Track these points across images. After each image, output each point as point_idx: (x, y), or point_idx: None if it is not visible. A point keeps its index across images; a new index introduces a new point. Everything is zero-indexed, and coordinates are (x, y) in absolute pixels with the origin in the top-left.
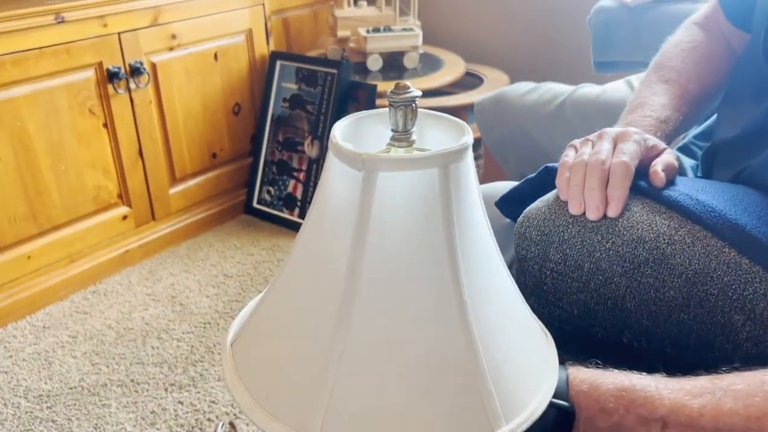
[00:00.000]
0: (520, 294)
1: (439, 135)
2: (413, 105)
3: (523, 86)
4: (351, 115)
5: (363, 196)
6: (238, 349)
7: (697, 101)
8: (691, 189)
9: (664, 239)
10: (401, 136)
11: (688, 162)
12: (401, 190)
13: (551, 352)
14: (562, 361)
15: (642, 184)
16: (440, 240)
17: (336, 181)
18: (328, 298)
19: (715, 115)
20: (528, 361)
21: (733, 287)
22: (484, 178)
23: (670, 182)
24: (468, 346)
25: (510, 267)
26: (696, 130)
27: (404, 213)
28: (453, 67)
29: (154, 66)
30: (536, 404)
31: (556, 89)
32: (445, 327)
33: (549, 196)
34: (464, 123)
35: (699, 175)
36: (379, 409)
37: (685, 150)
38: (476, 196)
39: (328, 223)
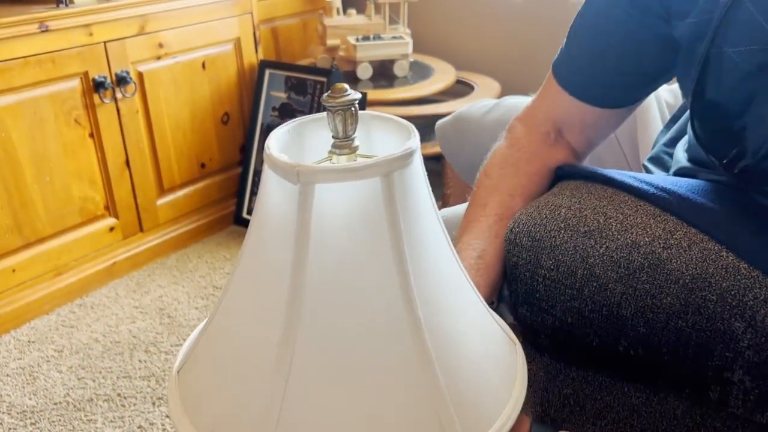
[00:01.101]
0: (483, 301)
1: (388, 138)
2: (352, 109)
3: (483, 105)
4: (290, 121)
5: (300, 211)
6: (184, 377)
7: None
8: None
9: (659, 243)
10: (342, 143)
11: (660, 174)
12: (341, 203)
13: (519, 362)
14: (556, 371)
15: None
16: (388, 254)
17: (273, 196)
18: (271, 321)
19: (682, 119)
20: (492, 375)
21: (732, 293)
22: (455, 200)
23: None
24: (423, 365)
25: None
26: (665, 137)
27: (347, 227)
28: (443, 75)
29: (140, 75)
30: (504, 420)
31: (519, 105)
32: (397, 346)
33: (539, 200)
34: (411, 125)
35: None
36: None
37: (656, 161)
38: (427, 203)
39: (268, 239)
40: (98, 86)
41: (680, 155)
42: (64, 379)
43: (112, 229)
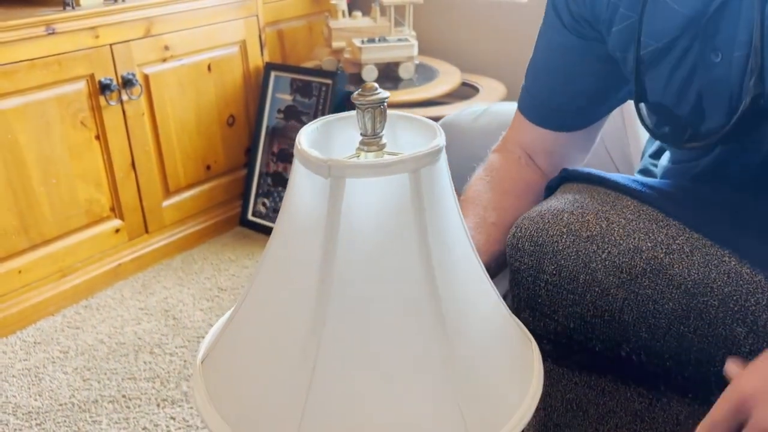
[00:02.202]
0: (500, 297)
1: (413, 137)
2: (381, 107)
3: (471, 111)
4: (318, 119)
5: (330, 205)
6: (208, 367)
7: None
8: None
9: (661, 248)
10: (371, 140)
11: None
12: (370, 198)
13: (535, 357)
14: (559, 375)
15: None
16: (414, 248)
17: (302, 189)
18: (298, 314)
19: None
20: (511, 369)
21: (734, 298)
22: None
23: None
24: (446, 358)
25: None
26: (651, 149)
27: (375, 222)
28: (449, 77)
29: (146, 77)
30: (522, 413)
31: (507, 110)
32: (421, 340)
33: (542, 205)
34: (437, 124)
35: None
36: (354, 429)
37: (645, 172)
38: (452, 200)
39: (296, 233)
40: (104, 88)
41: (664, 162)
42: (70, 381)
43: (117, 230)
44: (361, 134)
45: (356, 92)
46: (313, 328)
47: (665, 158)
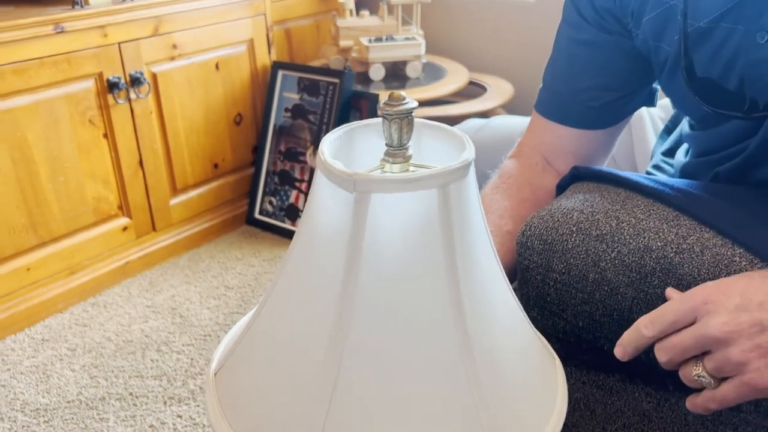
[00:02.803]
0: (527, 317)
1: (438, 147)
2: (409, 118)
3: (473, 125)
4: (341, 126)
5: (355, 220)
6: (222, 379)
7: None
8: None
9: (671, 248)
10: (396, 151)
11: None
12: (397, 213)
13: (559, 376)
14: (567, 374)
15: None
16: (440, 267)
17: (325, 202)
18: (319, 331)
19: (676, 132)
20: (536, 388)
21: None
22: None
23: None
24: (470, 378)
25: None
26: (662, 147)
27: (401, 238)
28: (456, 76)
29: (154, 76)
30: None
31: (509, 124)
32: (445, 358)
33: (552, 204)
34: (465, 135)
35: None
36: None
37: (658, 168)
38: (479, 217)
39: (318, 246)
40: (112, 87)
41: (681, 157)
42: (77, 378)
43: (125, 228)
44: (386, 145)
45: (383, 101)
46: (334, 346)
47: (682, 153)
